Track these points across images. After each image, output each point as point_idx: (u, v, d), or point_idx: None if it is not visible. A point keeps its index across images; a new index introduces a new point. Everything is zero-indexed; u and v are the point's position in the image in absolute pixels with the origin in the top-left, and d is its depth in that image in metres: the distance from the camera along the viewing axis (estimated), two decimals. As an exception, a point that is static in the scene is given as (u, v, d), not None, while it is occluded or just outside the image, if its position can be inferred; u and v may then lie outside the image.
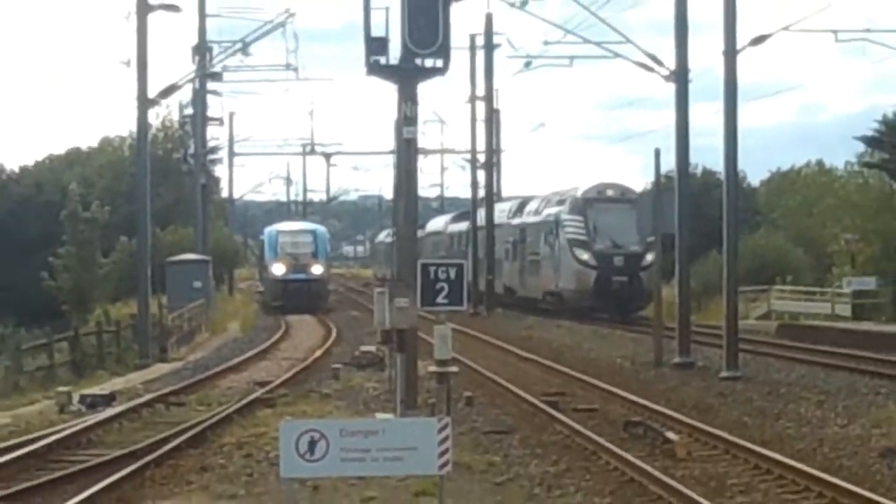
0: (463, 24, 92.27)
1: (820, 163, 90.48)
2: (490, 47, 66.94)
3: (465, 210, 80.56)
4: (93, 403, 28.73)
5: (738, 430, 22.85)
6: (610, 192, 47.52)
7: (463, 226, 77.27)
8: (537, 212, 55.07)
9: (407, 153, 25.56)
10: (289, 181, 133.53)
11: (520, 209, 64.33)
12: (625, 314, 49.41)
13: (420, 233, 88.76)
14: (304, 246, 70.54)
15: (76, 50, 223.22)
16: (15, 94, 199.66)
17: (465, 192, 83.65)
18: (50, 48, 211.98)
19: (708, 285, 52.39)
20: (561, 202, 50.50)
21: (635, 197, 48.20)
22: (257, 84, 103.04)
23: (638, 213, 41.93)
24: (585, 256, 43.82)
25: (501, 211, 68.05)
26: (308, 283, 68.05)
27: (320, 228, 77.88)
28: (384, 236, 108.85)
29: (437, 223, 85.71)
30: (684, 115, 37.46)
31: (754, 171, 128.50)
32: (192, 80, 60.61)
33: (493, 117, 72.00)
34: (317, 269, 69.97)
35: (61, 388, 32.05)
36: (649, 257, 47.36)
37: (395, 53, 23.13)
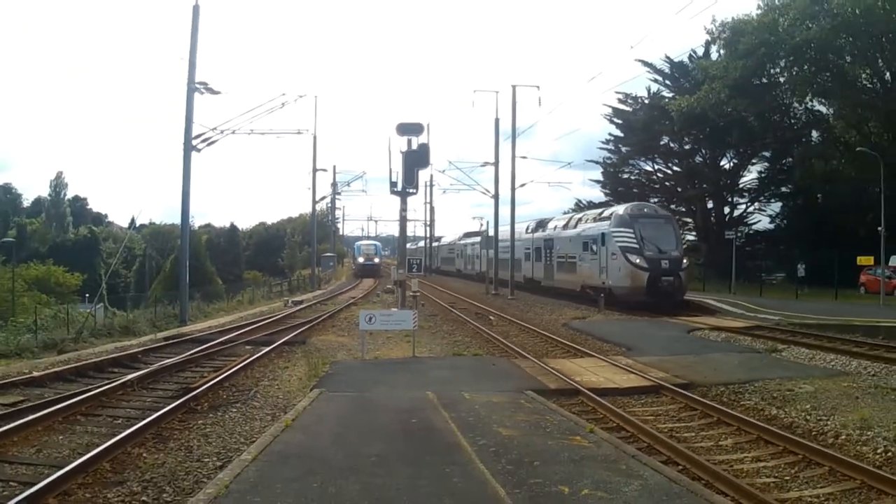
0: (423, 176, 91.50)
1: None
2: (431, 186, 64.81)
3: (473, 231, 59.42)
4: (296, 304, 28.51)
5: (515, 316, 22.81)
6: (646, 210, 28.43)
7: (470, 240, 55.68)
8: (567, 227, 31.40)
9: (403, 221, 25.40)
10: (362, 229, 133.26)
11: (538, 227, 36.60)
12: (670, 306, 25.87)
13: (437, 242, 75.17)
14: (371, 249, 66.27)
15: (300, 180, 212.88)
16: (269, 198, 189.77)
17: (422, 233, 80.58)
18: (284, 178, 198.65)
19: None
20: (602, 219, 28.90)
21: (667, 214, 29.97)
22: (352, 196, 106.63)
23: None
24: (638, 260, 26.01)
25: (518, 230, 37.98)
26: (373, 266, 62.58)
27: (378, 243, 74.47)
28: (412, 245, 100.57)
29: (448, 238, 65.21)
30: (496, 212, 35.30)
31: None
32: (330, 194, 60.95)
33: (432, 208, 71.31)
34: (377, 259, 64.80)
35: (285, 298, 32.22)
36: (685, 261, 27.53)
37: (399, 186, 22.78)
